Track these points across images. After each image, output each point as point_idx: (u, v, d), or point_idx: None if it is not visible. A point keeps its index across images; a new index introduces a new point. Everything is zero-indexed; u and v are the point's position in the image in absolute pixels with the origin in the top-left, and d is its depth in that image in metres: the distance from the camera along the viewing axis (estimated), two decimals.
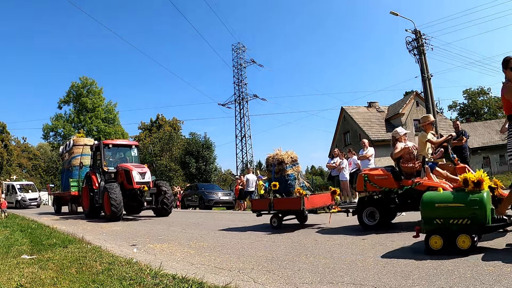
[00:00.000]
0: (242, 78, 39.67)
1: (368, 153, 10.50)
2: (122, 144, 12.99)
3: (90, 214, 11.36)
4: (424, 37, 16.91)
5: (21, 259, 4.04)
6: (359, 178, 5.38)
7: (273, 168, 6.69)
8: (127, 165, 10.72)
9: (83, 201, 12.12)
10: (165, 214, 10.69)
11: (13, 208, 22.67)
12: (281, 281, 2.84)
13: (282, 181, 6.48)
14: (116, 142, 12.60)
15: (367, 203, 5.33)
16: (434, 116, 16.31)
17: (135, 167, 10.46)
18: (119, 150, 12.50)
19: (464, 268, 2.71)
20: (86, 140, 16.39)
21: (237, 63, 40.09)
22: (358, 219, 5.32)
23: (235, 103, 39.80)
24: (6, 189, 26.19)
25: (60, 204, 16.36)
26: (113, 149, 12.03)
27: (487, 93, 52.39)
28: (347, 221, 6.70)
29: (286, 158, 6.63)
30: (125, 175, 10.33)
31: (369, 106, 31.93)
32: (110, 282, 2.84)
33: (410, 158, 5.15)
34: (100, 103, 45.63)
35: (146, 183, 10.13)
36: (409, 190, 4.90)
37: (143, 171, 10.48)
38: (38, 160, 53.89)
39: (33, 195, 25.22)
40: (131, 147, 12.59)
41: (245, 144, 38.78)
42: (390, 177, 5.09)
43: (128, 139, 36.29)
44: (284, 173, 6.58)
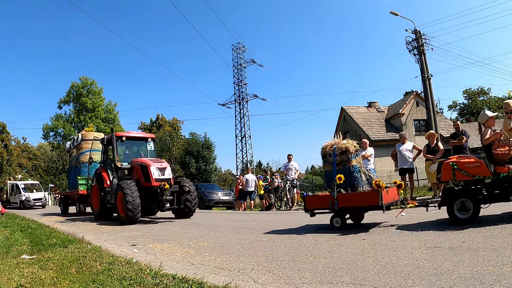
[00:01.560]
0: (242, 78, 39.69)
1: (367, 153, 10.51)
2: (137, 137, 11.35)
3: (101, 216, 10.27)
4: (424, 37, 16.90)
5: (21, 259, 4.03)
6: (445, 166, 4.81)
7: (334, 158, 5.73)
8: (144, 160, 9.48)
9: (93, 201, 10.96)
10: (187, 216, 9.49)
11: (17, 209, 22.07)
12: (281, 281, 2.84)
13: (345, 174, 5.58)
14: (131, 135, 11.08)
15: (458, 194, 4.70)
16: (434, 116, 16.37)
17: (153, 162, 9.24)
18: (133, 144, 11.16)
19: (464, 268, 2.71)
20: (95, 134, 15.02)
21: (237, 63, 40.12)
22: (448, 212, 4.75)
23: (235, 103, 39.83)
24: (10, 188, 25.57)
25: (67, 204, 15.20)
26: (127, 143, 10.76)
27: (487, 93, 52.39)
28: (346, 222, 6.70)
29: (351, 147, 5.75)
30: (141, 171, 9.07)
31: (369, 106, 31.90)
32: (110, 282, 2.84)
33: (503, 143, 4.61)
34: (100, 103, 45.68)
35: (166, 180, 8.89)
36: (506, 178, 4.46)
37: (162, 166, 9.19)
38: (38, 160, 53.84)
39: (38, 195, 24.35)
40: (147, 140, 11.11)
41: (245, 144, 38.80)
42: (483, 164, 4.60)
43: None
44: (349, 164, 5.68)
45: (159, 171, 9.00)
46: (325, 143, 6.05)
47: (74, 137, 16.30)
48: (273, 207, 13.14)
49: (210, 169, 30.63)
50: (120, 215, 8.80)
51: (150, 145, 11.03)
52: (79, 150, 14.63)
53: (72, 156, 15.47)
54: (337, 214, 5.52)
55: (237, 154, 38.62)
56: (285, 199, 12.82)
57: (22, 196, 23.73)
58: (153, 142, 11.20)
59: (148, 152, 10.94)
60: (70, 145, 15.90)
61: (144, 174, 8.98)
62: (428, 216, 6.01)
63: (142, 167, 9.12)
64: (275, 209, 12.78)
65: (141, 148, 11.11)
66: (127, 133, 10.95)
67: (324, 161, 5.99)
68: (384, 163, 23.50)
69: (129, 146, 11.03)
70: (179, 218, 9.54)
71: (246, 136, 39.07)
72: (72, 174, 14.99)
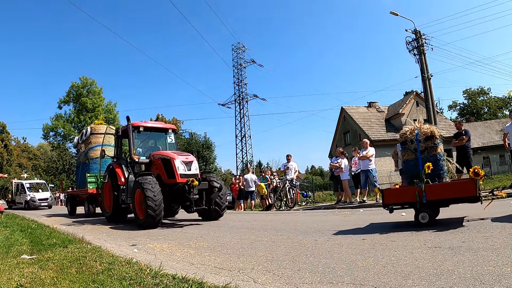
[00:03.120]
0: (242, 78, 39.77)
1: (368, 153, 10.52)
2: (156, 128, 9.82)
3: (113, 217, 9.16)
4: (424, 37, 16.91)
5: (21, 259, 4.03)
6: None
7: (418, 145, 5.14)
8: (166, 152, 8.37)
9: (104, 201, 9.79)
10: (215, 218, 8.36)
11: (22, 209, 21.18)
12: (281, 281, 2.84)
13: (431, 162, 4.94)
14: (148, 125, 9.53)
15: None
16: (434, 116, 16.38)
17: (178, 155, 8.12)
18: (150, 136, 9.77)
19: (464, 268, 2.71)
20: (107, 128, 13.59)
21: (237, 63, 40.20)
22: None
23: (235, 103, 39.86)
24: (15, 188, 24.73)
25: (75, 204, 14.07)
26: (144, 134, 9.33)
27: (487, 93, 52.41)
28: (347, 221, 6.70)
29: (436, 132, 5.14)
30: (163, 166, 7.95)
31: (369, 106, 31.93)
32: (110, 282, 2.83)
33: None
34: (100, 103, 45.74)
35: (193, 176, 7.75)
36: None
37: (188, 160, 8.05)
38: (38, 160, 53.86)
39: (44, 195, 23.31)
40: (167, 132, 9.77)
41: (245, 144, 38.84)
42: None
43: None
44: (434, 152, 5.06)
45: (185, 165, 7.87)
46: (405, 129, 5.46)
47: (83, 130, 14.74)
48: (273, 207, 13.14)
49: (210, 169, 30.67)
50: (138, 217, 7.67)
51: (171, 137, 9.74)
52: (88, 145, 13.34)
53: (80, 152, 14.14)
54: (424, 209, 4.79)
55: (237, 154, 38.67)
56: (285, 199, 12.83)
57: (27, 196, 22.75)
58: (173, 134, 9.88)
59: (167, 145, 9.70)
60: (78, 139, 14.61)
61: (167, 169, 7.85)
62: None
63: (164, 161, 7.99)
64: (275, 209, 12.78)
65: (159, 141, 9.91)
66: (144, 122, 9.41)
67: (404, 148, 5.40)
68: (384, 163, 23.51)
69: (146, 138, 9.64)
70: (206, 220, 8.41)
71: (246, 136, 39.11)
72: (80, 171, 13.72)
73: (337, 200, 12.13)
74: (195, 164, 8.14)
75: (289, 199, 12.62)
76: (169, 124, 9.71)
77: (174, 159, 7.78)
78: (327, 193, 21.76)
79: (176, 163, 7.74)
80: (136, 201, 7.72)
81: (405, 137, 5.37)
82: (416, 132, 5.18)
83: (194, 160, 8.23)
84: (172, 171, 7.73)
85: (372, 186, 10.90)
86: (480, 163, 28.26)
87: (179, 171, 7.70)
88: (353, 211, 9.12)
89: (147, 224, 7.23)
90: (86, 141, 13.57)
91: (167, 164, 7.88)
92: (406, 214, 6.70)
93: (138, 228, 7.44)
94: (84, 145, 13.69)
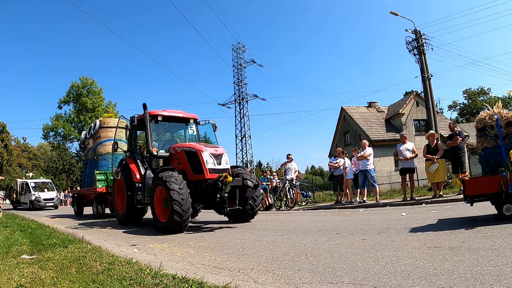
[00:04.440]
0: (242, 78, 39.72)
1: (366, 153, 10.54)
2: (177, 117, 8.36)
3: (127, 219, 8.17)
4: (424, 37, 16.89)
5: (21, 259, 4.03)
6: None
7: (499, 131, 4.68)
8: (191, 144, 7.31)
9: (115, 201, 8.74)
10: (247, 219, 7.49)
11: (27, 210, 20.50)
12: (281, 281, 2.84)
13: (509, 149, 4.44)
14: (169, 114, 8.16)
15: None
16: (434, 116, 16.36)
17: (205, 147, 7.10)
18: (169, 128, 8.58)
19: (464, 268, 2.71)
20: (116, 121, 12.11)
21: (237, 63, 40.15)
22: None
23: (235, 103, 39.83)
24: (20, 187, 23.79)
25: (82, 204, 13.06)
26: (161, 125, 8.18)
27: (487, 93, 52.41)
28: (347, 222, 6.70)
29: None
30: (188, 160, 6.93)
31: (369, 106, 31.91)
32: (110, 282, 2.83)
33: None
34: (100, 103, 45.77)
35: (224, 171, 6.75)
36: None
37: (218, 153, 7.03)
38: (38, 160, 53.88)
39: (49, 195, 22.29)
40: (188, 122, 8.50)
41: (245, 144, 38.81)
42: None
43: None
44: None
45: (214, 158, 6.86)
46: (482, 114, 5.04)
47: (91, 124, 13.56)
48: (273, 207, 13.14)
49: None
50: (158, 220, 6.66)
51: (192, 129, 8.53)
52: (96, 140, 12.23)
53: (88, 148, 12.93)
54: (510, 199, 4.40)
55: (237, 154, 38.66)
56: (285, 199, 12.83)
57: (31, 195, 21.73)
58: (195, 125, 8.64)
59: (187, 138, 8.63)
60: (86, 134, 13.43)
61: (192, 163, 6.86)
62: (428, 216, 6.01)
63: (189, 154, 6.97)
64: (275, 209, 12.78)
65: (177, 135, 8.87)
66: (163, 111, 8.09)
67: (482, 135, 4.98)
68: (384, 163, 23.51)
69: (164, 130, 8.50)
70: (237, 222, 7.52)
71: (246, 136, 39.10)
72: (88, 169, 12.56)
73: (336, 200, 12.14)
74: (225, 157, 7.15)
75: (289, 199, 12.63)
76: (190, 113, 8.53)
77: (201, 151, 6.78)
78: (327, 193, 21.76)
79: (204, 156, 6.74)
80: (155, 201, 6.75)
81: (484, 123, 4.93)
82: (496, 117, 4.73)
83: (225, 153, 7.19)
84: (199, 165, 6.74)
85: (371, 186, 10.90)
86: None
87: (207, 165, 6.70)
88: (353, 211, 9.12)
89: (170, 229, 6.24)
90: (94, 135, 12.47)
91: (192, 157, 6.88)
92: (406, 214, 6.71)
93: (138, 228, 7.42)
94: (92, 140, 12.57)
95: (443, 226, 4.80)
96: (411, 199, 9.64)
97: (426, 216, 5.93)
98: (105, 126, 12.28)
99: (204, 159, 6.72)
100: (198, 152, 6.81)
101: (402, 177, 10.09)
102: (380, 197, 11.26)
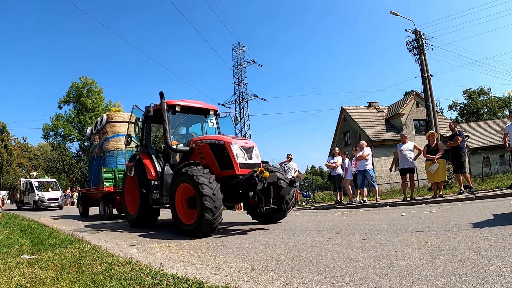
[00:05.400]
0: (242, 78, 39.68)
1: (365, 153, 10.56)
2: (196, 108, 7.60)
3: (140, 221, 7.48)
4: (424, 37, 16.89)
5: (21, 259, 4.03)
6: None
7: None
8: (217, 136, 6.61)
9: (126, 201, 8.03)
10: (278, 219, 6.98)
11: (30, 210, 19.88)
12: (281, 281, 2.84)
13: None
14: (186, 104, 7.40)
15: None
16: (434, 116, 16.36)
17: (234, 138, 6.39)
18: (187, 120, 7.74)
19: (464, 268, 2.71)
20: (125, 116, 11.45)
21: (237, 63, 40.11)
22: None
23: (235, 103, 39.78)
24: (24, 187, 23.05)
25: (88, 205, 12.32)
26: (179, 117, 7.39)
27: (487, 93, 52.43)
28: (347, 222, 6.70)
29: None
30: (213, 154, 6.24)
31: (369, 106, 31.92)
32: (110, 282, 2.83)
33: None
34: (100, 103, 45.78)
35: (256, 166, 6.12)
36: None
37: (248, 145, 6.35)
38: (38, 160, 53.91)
39: (54, 194, 21.44)
40: (208, 114, 7.83)
41: None
42: None
43: None
44: None
45: (245, 152, 6.16)
46: None
47: (97, 119, 12.68)
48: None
49: None
50: (181, 222, 5.92)
51: (212, 121, 7.89)
52: (103, 135, 11.46)
53: (94, 144, 12.14)
54: None
55: None
56: None
57: (35, 195, 20.95)
58: (215, 117, 7.98)
59: (205, 131, 7.95)
60: (92, 130, 12.57)
61: (219, 158, 6.18)
62: (428, 216, 6.02)
63: (215, 147, 6.27)
64: None
65: (194, 127, 8.15)
66: (181, 101, 7.35)
67: None
68: (384, 163, 23.49)
69: (182, 122, 7.67)
70: (266, 223, 6.94)
71: (246, 136, 39.08)
72: (94, 167, 11.82)
73: (336, 200, 12.15)
74: (256, 150, 6.42)
75: None
76: (210, 104, 7.88)
77: (230, 144, 6.06)
78: (327, 193, 21.76)
79: (234, 149, 6.01)
80: (177, 201, 6.02)
81: None
82: None
83: (255, 146, 6.47)
84: (228, 160, 6.04)
85: (371, 186, 10.91)
86: (480, 163, 28.25)
87: (238, 159, 5.99)
88: (353, 211, 9.12)
89: (200, 232, 5.51)
90: (101, 131, 11.66)
91: (219, 151, 6.18)
92: (406, 214, 6.71)
93: (138, 228, 7.39)
94: (98, 136, 11.76)
95: (443, 226, 4.80)
96: (411, 199, 9.64)
97: (425, 216, 5.90)
98: (113, 120, 11.52)
99: (233, 153, 6.00)
100: (227, 145, 6.08)
101: (402, 177, 10.10)
102: (380, 197, 11.27)
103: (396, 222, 5.73)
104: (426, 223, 5.25)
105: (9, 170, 48.00)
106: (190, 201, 5.82)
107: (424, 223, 5.27)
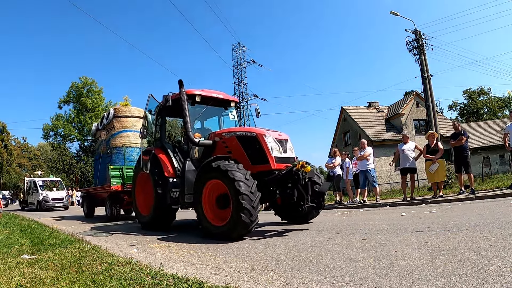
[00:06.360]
0: (242, 78, 39.69)
1: (366, 153, 10.55)
2: (217, 98, 6.97)
3: (154, 223, 6.75)
4: (424, 37, 16.91)
5: (21, 259, 4.03)
6: None
7: None
8: (248, 128, 6.02)
9: (137, 201, 7.41)
10: (309, 219, 6.56)
11: (34, 210, 19.28)
12: (281, 281, 2.84)
13: None
14: (207, 94, 6.78)
15: None
16: (434, 116, 16.37)
17: (267, 130, 5.72)
18: (206, 112, 7.09)
19: (464, 268, 2.71)
20: (133, 110, 10.88)
21: (237, 63, 40.12)
22: None
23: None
24: (27, 186, 22.31)
25: (93, 205, 11.63)
26: (198, 109, 6.78)
27: (487, 93, 52.43)
28: (347, 222, 6.70)
29: None
30: (243, 147, 5.64)
31: (369, 106, 31.94)
32: (110, 282, 2.83)
33: None
34: (100, 103, 45.79)
35: (291, 160, 5.76)
36: None
37: (282, 138, 5.82)
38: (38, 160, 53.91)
39: (59, 194, 20.57)
40: (228, 106, 7.29)
41: None
42: None
43: None
44: None
45: (279, 144, 5.61)
46: None
47: (104, 114, 11.96)
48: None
49: None
50: (209, 223, 5.31)
51: (233, 114, 7.35)
52: (110, 131, 10.81)
53: (100, 141, 11.40)
54: None
55: None
56: None
57: (39, 195, 20.10)
58: (236, 110, 7.41)
59: (222, 124, 7.43)
60: (98, 125, 11.82)
61: (250, 152, 5.56)
62: (428, 216, 6.01)
63: (244, 140, 5.66)
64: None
65: (212, 120, 7.58)
66: (201, 90, 6.69)
67: None
68: (384, 163, 23.49)
69: (201, 114, 7.05)
70: (291, 223, 6.58)
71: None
72: (100, 164, 11.11)
73: (335, 200, 12.15)
74: (290, 143, 5.90)
75: None
76: (231, 96, 7.44)
77: (264, 136, 5.47)
78: (327, 193, 21.74)
79: (268, 142, 5.43)
80: (204, 200, 5.38)
81: None
82: None
83: (289, 139, 5.95)
84: (261, 153, 5.44)
85: (371, 186, 10.91)
86: (480, 163, 28.26)
87: (273, 153, 5.41)
88: (353, 211, 9.12)
89: (233, 234, 4.92)
90: (107, 126, 10.98)
91: (250, 144, 5.57)
92: (406, 214, 6.71)
93: (138, 228, 7.38)
94: (105, 132, 11.08)
95: (443, 226, 4.80)
96: (411, 199, 9.64)
97: (425, 216, 5.90)
98: (120, 115, 10.86)
99: (268, 146, 5.40)
100: (260, 137, 5.46)
101: (402, 177, 10.09)
102: (380, 197, 11.27)
103: (396, 222, 5.73)
104: (426, 223, 5.25)
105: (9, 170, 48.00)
106: (221, 200, 5.30)
107: (424, 223, 5.28)
